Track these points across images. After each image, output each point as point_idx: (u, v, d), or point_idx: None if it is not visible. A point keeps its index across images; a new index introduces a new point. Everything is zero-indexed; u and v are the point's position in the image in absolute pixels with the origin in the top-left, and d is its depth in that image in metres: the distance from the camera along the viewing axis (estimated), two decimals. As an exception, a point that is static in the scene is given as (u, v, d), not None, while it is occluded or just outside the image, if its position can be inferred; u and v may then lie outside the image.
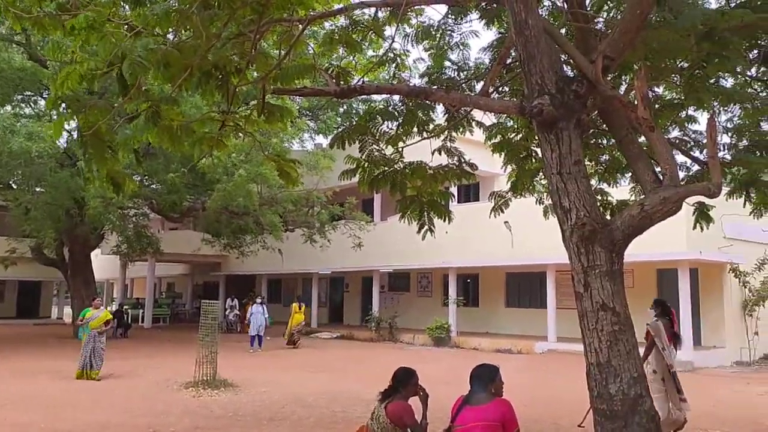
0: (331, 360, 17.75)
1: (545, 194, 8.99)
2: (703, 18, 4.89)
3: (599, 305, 4.69)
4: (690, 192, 5.03)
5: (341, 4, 6.81)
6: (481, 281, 24.26)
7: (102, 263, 33.83)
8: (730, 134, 7.50)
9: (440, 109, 8.01)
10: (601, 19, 6.62)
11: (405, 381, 4.53)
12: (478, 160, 8.44)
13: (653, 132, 4.91)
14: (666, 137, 6.74)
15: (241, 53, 5.67)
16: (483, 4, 6.94)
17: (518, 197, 9.12)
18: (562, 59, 5.93)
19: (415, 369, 4.64)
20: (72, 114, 5.84)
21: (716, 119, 6.45)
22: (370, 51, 9.28)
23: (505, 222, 18.32)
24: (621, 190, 9.32)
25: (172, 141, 5.91)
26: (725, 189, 6.93)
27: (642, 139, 6.24)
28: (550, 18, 7.22)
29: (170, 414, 9.54)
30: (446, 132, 8.04)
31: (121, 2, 5.49)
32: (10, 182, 22.49)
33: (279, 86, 6.10)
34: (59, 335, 24.28)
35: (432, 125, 7.80)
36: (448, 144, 8.15)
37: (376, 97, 7.92)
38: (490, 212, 8.94)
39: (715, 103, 6.68)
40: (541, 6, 7.08)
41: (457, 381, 5.39)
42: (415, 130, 7.68)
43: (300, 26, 6.13)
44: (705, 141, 6.18)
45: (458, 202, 22.41)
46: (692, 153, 7.82)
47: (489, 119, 8.21)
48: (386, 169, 7.73)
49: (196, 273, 37.35)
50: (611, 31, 5.22)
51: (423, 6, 7.03)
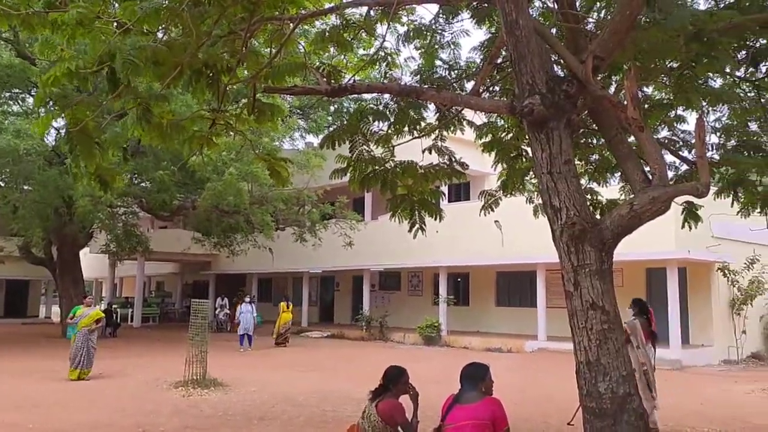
0: (322, 359, 17.74)
1: (535, 193, 9.02)
2: (692, 19, 4.93)
3: (589, 304, 4.72)
4: (679, 191, 5.07)
5: (332, 3, 6.80)
6: (472, 280, 24.32)
7: (91, 262, 33.60)
8: (719, 134, 7.56)
9: (431, 108, 8.02)
10: (592, 20, 6.65)
11: (395, 379, 4.54)
12: (469, 160, 8.46)
13: (642, 132, 4.94)
14: (655, 137, 6.79)
15: (232, 51, 5.65)
16: (474, 4, 6.96)
17: (508, 196, 9.15)
18: (553, 59, 5.96)
19: (406, 368, 4.65)
20: (59, 111, 5.81)
21: (705, 119, 6.50)
22: (361, 50, 9.28)
23: (496, 221, 18.37)
24: (611, 190, 9.38)
25: (162, 139, 5.88)
26: (713, 188, 6.98)
27: (631, 139, 6.28)
28: (541, 18, 7.25)
29: (160, 414, 9.50)
30: (437, 131, 8.05)
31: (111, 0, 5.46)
32: (-2, 180, 22.32)
33: (270, 85, 6.09)
34: (48, 334, 24.13)
35: (423, 124, 7.81)
36: (439, 143, 8.16)
37: (367, 96, 7.91)
38: (480, 211, 8.96)
39: (704, 104, 6.73)
40: (532, 6, 7.10)
41: (448, 380, 5.40)
42: (406, 129, 7.69)
43: (291, 25, 6.11)
44: (694, 141, 6.23)
45: (449, 202, 22.44)
46: (681, 153, 7.88)
47: (480, 118, 8.23)
48: (377, 168, 7.73)
49: (186, 272, 37.18)
50: (601, 32, 5.25)
51: (414, 5, 7.04)
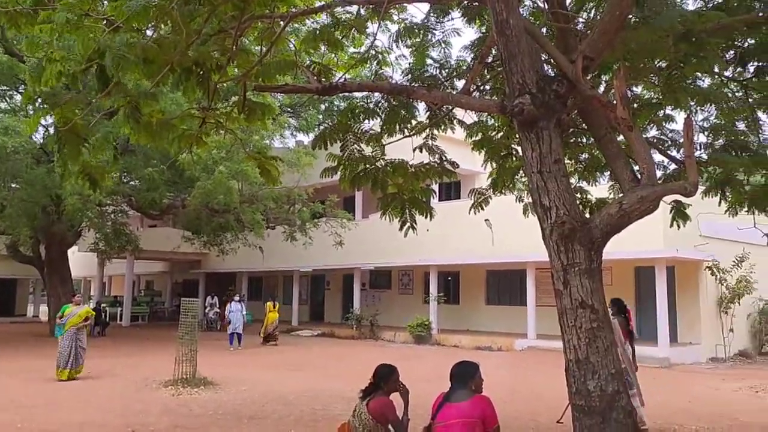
0: (312, 358, 17.72)
1: (525, 192, 9.05)
2: (681, 19, 4.97)
3: (578, 303, 4.74)
4: (667, 191, 5.11)
5: (323, 2, 6.79)
6: (462, 279, 24.37)
7: (79, 261, 33.37)
8: (707, 134, 7.60)
9: (422, 107, 8.03)
10: (581, 20, 6.68)
11: (386, 377, 4.55)
12: (460, 159, 8.48)
13: (631, 131, 4.97)
14: (644, 136, 6.82)
15: (222, 49, 5.63)
16: (465, 3, 6.97)
17: (498, 195, 9.18)
18: (543, 59, 5.99)
19: (396, 366, 4.66)
20: (48, 109, 5.76)
21: (693, 119, 6.55)
22: (352, 48, 9.27)
23: (486, 220, 18.43)
24: (600, 189, 9.42)
25: (151, 138, 5.85)
26: (701, 188, 7.03)
27: (621, 138, 6.31)
28: (531, 18, 7.27)
29: (149, 413, 9.46)
30: (428, 130, 8.06)
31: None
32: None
33: (260, 83, 6.07)
34: (36, 333, 23.95)
35: (414, 123, 7.82)
36: (430, 142, 8.17)
37: (358, 94, 7.91)
38: (470, 209, 8.98)
39: (692, 103, 6.76)
40: (522, 5, 7.12)
41: (438, 378, 5.42)
42: (397, 128, 7.69)
43: (281, 23, 6.10)
44: (682, 140, 6.26)
45: (439, 200, 22.46)
46: (669, 152, 7.93)
47: (470, 117, 8.24)
48: (368, 167, 7.73)
49: (176, 271, 37.02)
50: (591, 32, 5.27)
51: (405, 4, 7.04)
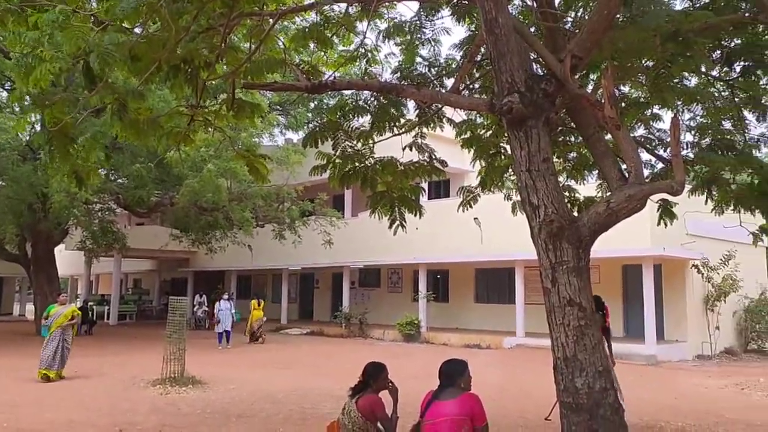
0: (301, 356, 17.70)
1: (514, 191, 9.08)
2: (668, 19, 5.00)
3: (566, 301, 4.77)
4: (654, 189, 5.15)
5: (312, 0, 6.77)
6: (451, 277, 24.42)
7: (66, 259, 33.12)
8: (693, 133, 7.66)
9: (411, 105, 8.04)
10: (570, 19, 6.71)
11: (375, 375, 4.56)
12: (449, 157, 8.49)
13: (619, 130, 5.01)
14: (631, 135, 6.87)
15: (211, 47, 5.60)
16: (454, 1, 6.98)
17: (487, 193, 9.20)
18: (532, 58, 6.01)
19: (385, 364, 4.67)
20: (35, 108, 5.72)
21: (680, 118, 6.59)
22: (341, 46, 9.26)
23: (475, 218, 18.45)
24: (588, 187, 9.47)
25: (138, 135, 5.82)
26: (688, 186, 7.10)
27: (608, 137, 6.35)
28: (520, 16, 7.30)
29: (137, 412, 9.41)
30: (417, 128, 8.07)
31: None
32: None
33: (249, 80, 6.05)
34: (22, 332, 23.74)
35: (403, 121, 7.82)
36: (419, 140, 8.18)
37: (347, 92, 7.91)
38: (458, 207, 9.00)
39: (679, 103, 6.83)
40: (511, 4, 7.14)
41: (427, 376, 5.43)
42: (386, 126, 7.69)
43: (270, 20, 6.08)
44: (669, 139, 6.32)
45: (428, 199, 22.48)
46: (657, 151, 7.98)
47: (459, 116, 8.26)
48: (357, 165, 7.73)
49: (164, 269, 36.83)
50: (579, 31, 5.30)
51: (395, 2, 7.04)
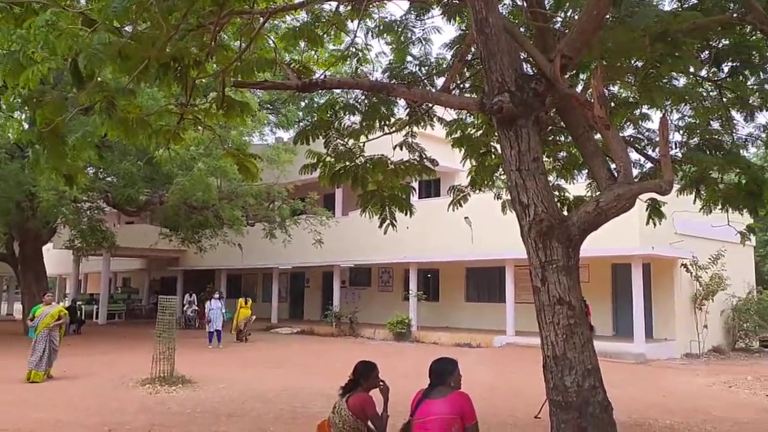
0: (291, 355, 17.67)
1: (504, 190, 9.11)
2: (657, 19, 5.03)
3: (556, 299, 4.80)
4: (643, 189, 5.19)
5: (302, -2, 6.76)
6: (442, 276, 24.46)
7: (54, 258, 32.87)
8: (682, 133, 7.72)
9: (402, 104, 8.04)
10: (560, 19, 6.74)
11: (366, 374, 4.56)
12: (439, 156, 8.50)
13: (608, 130, 5.03)
14: (621, 135, 6.91)
15: (201, 45, 5.58)
16: (445, 1, 6.99)
17: (477, 192, 9.23)
18: (522, 57, 6.03)
19: (376, 363, 4.67)
20: (24, 105, 5.68)
21: (668, 118, 6.64)
22: (332, 45, 9.25)
23: (465, 217, 18.50)
24: (578, 187, 9.51)
25: (128, 133, 5.78)
26: (676, 186, 7.15)
27: (598, 137, 6.38)
28: (510, 16, 7.32)
29: (126, 412, 9.36)
30: (408, 127, 8.07)
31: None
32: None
33: (239, 79, 6.03)
34: (10, 332, 23.56)
35: (393, 119, 7.83)
36: (410, 139, 8.19)
37: (338, 90, 7.91)
38: (448, 206, 9.02)
39: (668, 103, 6.87)
40: (502, 4, 7.16)
41: (417, 375, 5.44)
42: (377, 125, 7.70)
43: (261, 19, 6.06)
44: (658, 139, 6.35)
45: (419, 198, 22.51)
46: (645, 151, 8.03)
47: (450, 115, 8.27)
48: (348, 164, 7.73)
49: (153, 268, 36.65)
50: (569, 31, 5.32)
51: (385, 1, 7.04)
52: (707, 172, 7.76)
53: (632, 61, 6.32)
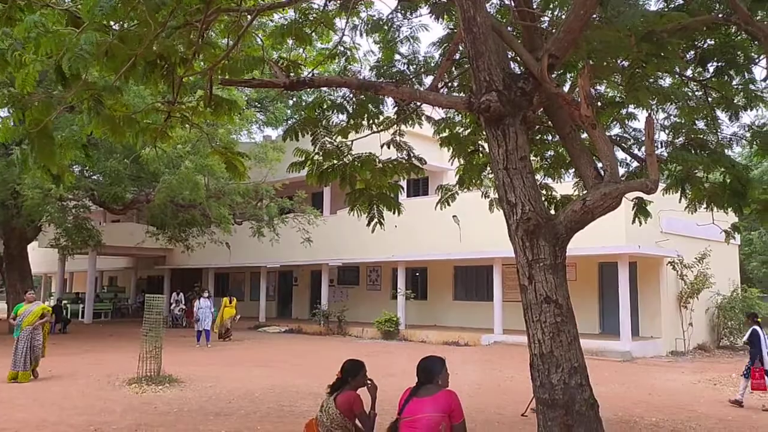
0: (279, 354, 17.63)
1: (491, 188, 9.14)
2: (643, 19, 5.07)
3: (543, 298, 4.82)
4: (629, 188, 5.22)
5: (290, -4, 6.74)
6: (430, 275, 24.50)
7: (40, 256, 32.59)
8: (667, 132, 7.78)
9: (390, 102, 8.05)
10: (547, 18, 6.76)
11: (353, 373, 4.56)
12: (428, 155, 8.53)
13: (595, 129, 5.06)
14: (607, 134, 6.94)
15: (188, 43, 5.55)
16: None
17: (465, 191, 9.25)
18: (509, 56, 6.05)
19: (364, 361, 4.68)
20: (10, 103, 5.62)
21: (654, 117, 6.69)
22: (320, 43, 9.24)
23: (453, 216, 18.54)
24: (565, 186, 9.56)
25: (115, 131, 5.74)
26: (662, 185, 7.20)
27: (585, 136, 6.42)
28: (498, 15, 7.34)
29: (112, 411, 9.30)
30: (396, 126, 8.08)
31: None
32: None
33: (227, 77, 6.01)
34: (-7, 332, 23.31)
35: (381, 118, 7.83)
36: (398, 138, 8.19)
37: (325, 89, 7.90)
38: (436, 205, 9.04)
39: (653, 102, 6.92)
40: (489, 3, 7.18)
41: (405, 373, 5.45)
42: (365, 123, 7.69)
43: (248, 17, 6.04)
44: (644, 138, 6.40)
45: (407, 196, 22.53)
46: (632, 150, 8.08)
47: (438, 113, 8.29)
48: (335, 162, 7.72)
49: (140, 267, 36.41)
50: (556, 30, 5.35)
51: (373, -1, 7.05)
52: (692, 171, 7.82)
53: (618, 61, 6.37)
